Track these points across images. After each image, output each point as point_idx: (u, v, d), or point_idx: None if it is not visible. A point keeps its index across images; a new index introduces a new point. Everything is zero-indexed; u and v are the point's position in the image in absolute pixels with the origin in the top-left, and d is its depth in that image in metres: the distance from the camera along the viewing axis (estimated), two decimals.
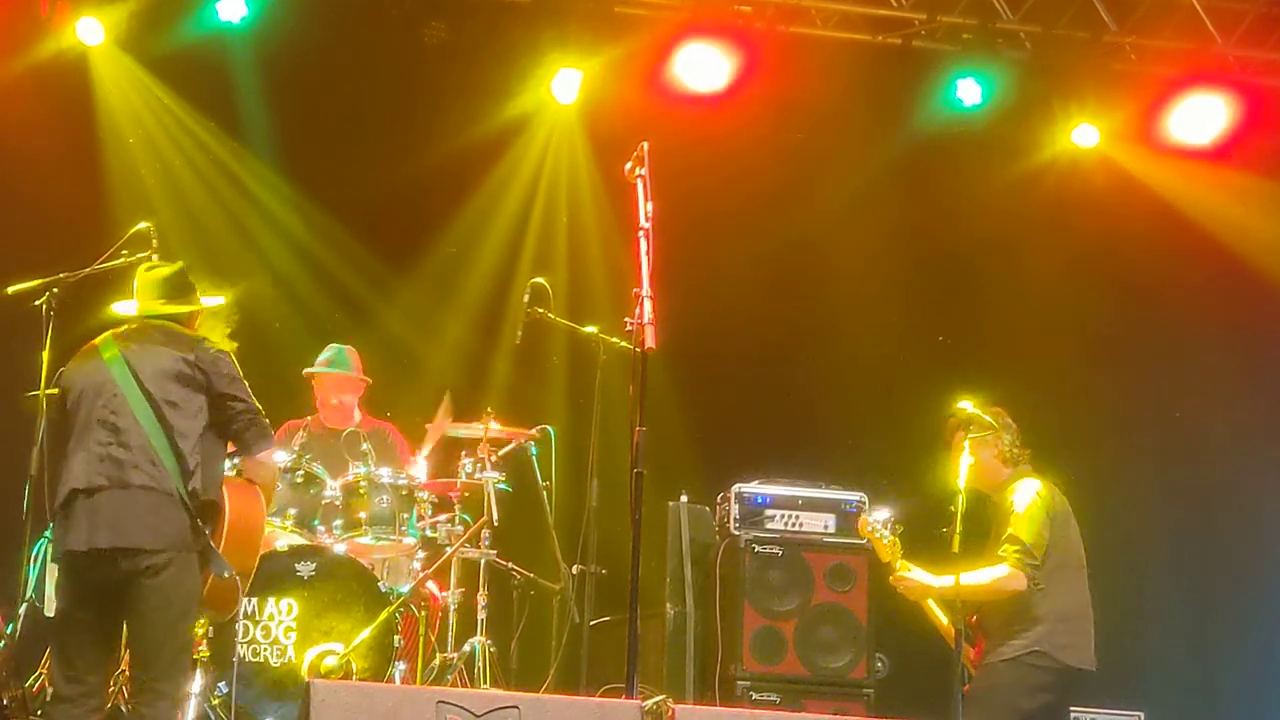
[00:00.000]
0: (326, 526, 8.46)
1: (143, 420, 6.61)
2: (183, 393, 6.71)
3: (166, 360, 6.76)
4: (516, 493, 8.95)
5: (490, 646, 8.63)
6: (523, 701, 5.34)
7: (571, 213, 11.47)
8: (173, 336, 6.90)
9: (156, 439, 6.58)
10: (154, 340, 6.87)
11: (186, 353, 6.79)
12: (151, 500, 6.53)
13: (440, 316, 11.32)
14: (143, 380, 6.69)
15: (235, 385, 6.81)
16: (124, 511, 6.53)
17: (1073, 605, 8.02)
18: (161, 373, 6.72)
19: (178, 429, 6.63)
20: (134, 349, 6.82)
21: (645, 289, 6.66)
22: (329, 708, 5.14)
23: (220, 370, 6.80)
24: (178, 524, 6.54)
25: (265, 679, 8.02)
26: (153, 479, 6.55)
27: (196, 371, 6.74)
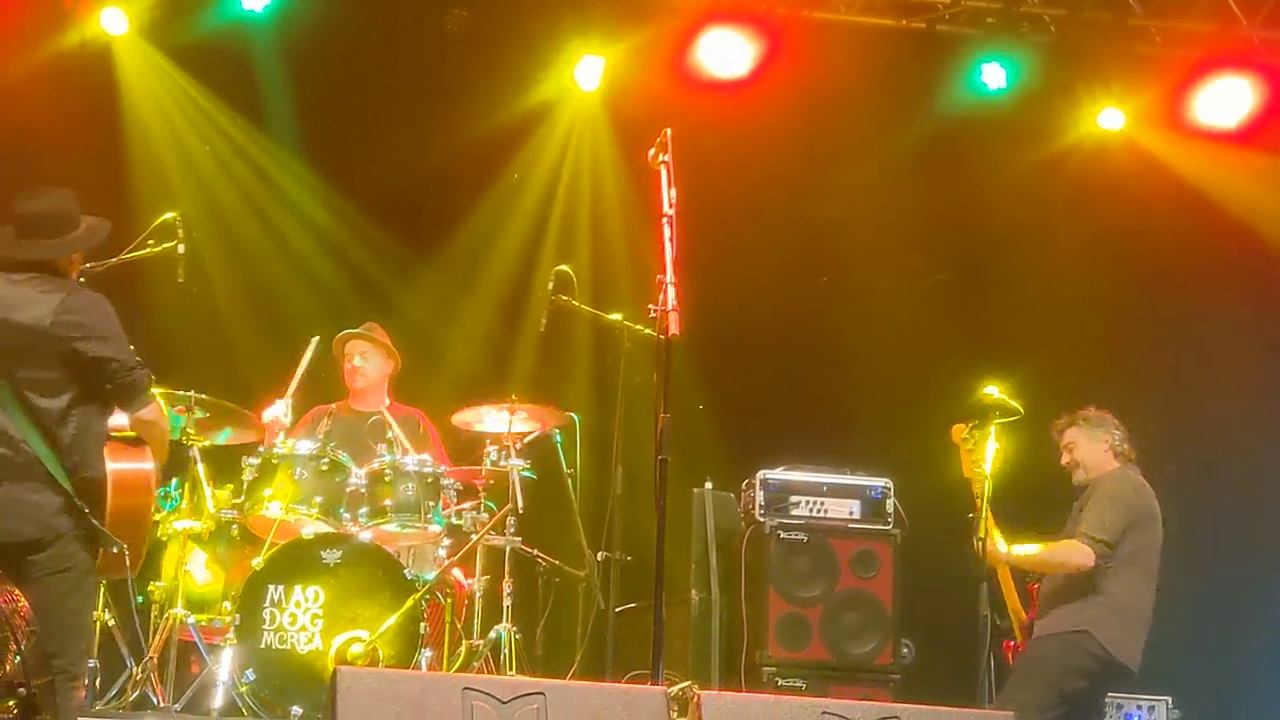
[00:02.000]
0: (352, 514, 8.47)
1: (8, 408, 6.17)
2: (44, 364, 6.19)
3: (24, 329, 6.19)
4: (541, 480, 8.96)
5: (516, 633, 8.64)
6: (548, 688, 5.35)
7: (595, 199, 11.46)
8: (34, 294, 6.27)
9: (19, 423, 6.16)
10: (11, 302, 6.25)
11: (46, 315, 6.19)
12: (21, 489, 6.14)
13: (464, 304, 11.33)
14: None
15: (102, 344, 6.23)
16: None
17: (1132, 604, 8.02)
18: (17, 345, 6.18)
19: (42, 408, 6.18)
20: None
21: (669, 275, 6.66)
22: (355, 694, 5.15)
23: (80, 329, 6.22)
24: (52, 508, 6.15)
25: (291, 666, 8.03)
26: (18, 468, 6.15)
27: (54, 339, 6.17)
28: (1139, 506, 8.12)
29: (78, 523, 6.19)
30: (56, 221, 6.45)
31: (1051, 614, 8.02)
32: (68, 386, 6.22)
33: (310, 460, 8.49)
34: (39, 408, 6.18)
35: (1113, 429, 8.33)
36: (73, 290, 6.35)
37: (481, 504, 8.81)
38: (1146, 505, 8.16)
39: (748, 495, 9.36)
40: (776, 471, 9.33)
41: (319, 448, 8.55)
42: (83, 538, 6.21)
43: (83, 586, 6.26)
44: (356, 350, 9.54)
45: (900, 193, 11.13)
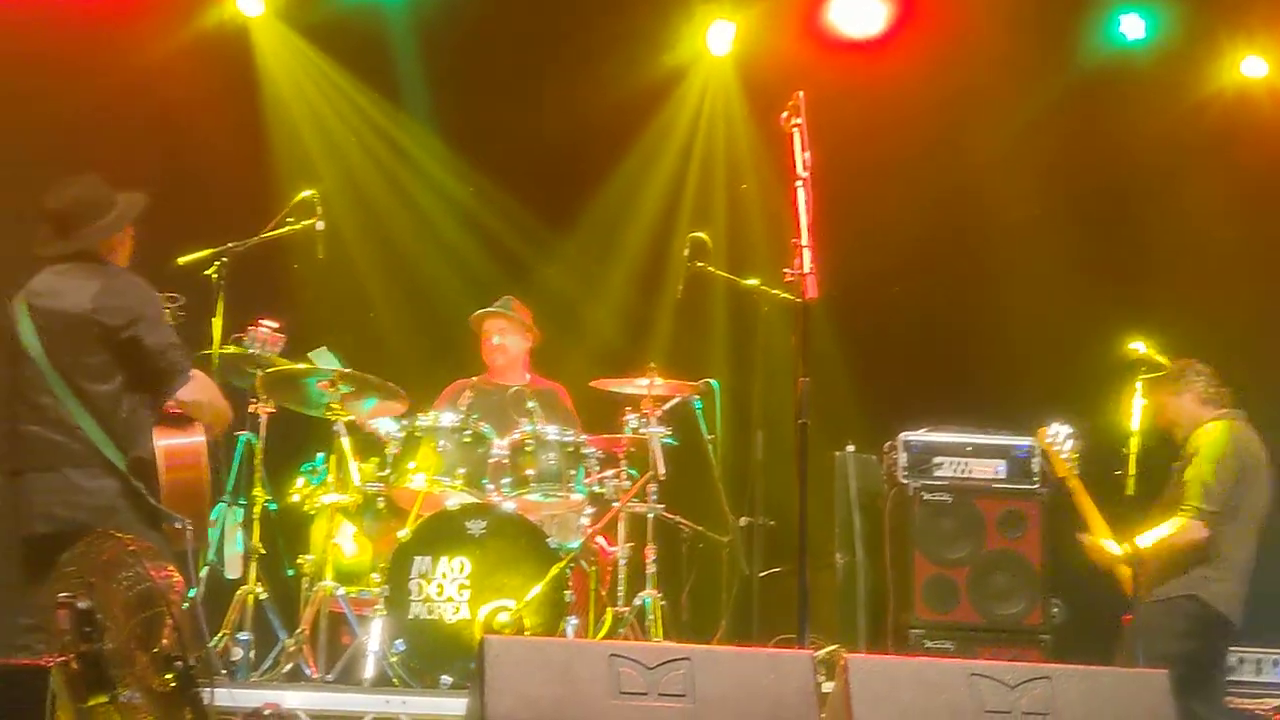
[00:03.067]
0: (495, 484, 8.52)
1: (58, 391, 6.37)
2: (90, 350, 6.40)
3: (67, 322, 6.41)
4: (682, 447, 8.95)
5: (660, 600, 8.65)
6: (694, 653, 5.35)
7: (729, 165, 11.42)
8: (77, 283, 6.49)
9: (74, 409, 6.36)
10: (58, 293, 6.49)
11: (87, 303, 6.41)
12: (79, 476, 6.36)
13: (601, 274, 11.35)
14: (48, 347, 6.41)
15: (137, 325, 6.42)
16: (54, 493, 6.38)
17: (1236, 556, 7.94)
18: (65, 334, 6.41)
19: (94, 393, 6.38)
20: (39, 309, 6.48)
21: (804, 239, 6.62)
22: (503, 663, 5.18)
23: (121, 314, 6.42)
24: (110, 493, 6.35)
25: (440, 636, 8.11)
26: (76, 454, 6.35)
27: (97, 325, 6.39)
28: (1243, 460, 7.99)
29: (135, 504, 6.36)
30: (86, 210, 6.60)
31: (1160, 583, 7.92)
32: (115, 370, 6.42)
33: (453, 432, 8.55)
34: (91, 393, 6.38)
35: (1194, 377, 8.17)
36: (112, 275, 6.54)
37: (623, 472, 8.83)
38: (1251, 457, 8.03)
39: (890, 457, 9.31)
40: (919, 433, 9.26)
41: (461, 420, 8.60)
42: (144, 519, 6.36)
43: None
44: (495, 329, 9.60)
45: (1039, 148, 10.96)
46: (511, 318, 9.59)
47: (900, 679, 5.37)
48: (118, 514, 6.34)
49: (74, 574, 5.64)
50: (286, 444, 8.86)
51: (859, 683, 5.30)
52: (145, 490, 6.37)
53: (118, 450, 6.38)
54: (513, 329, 9.61)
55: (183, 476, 6.52)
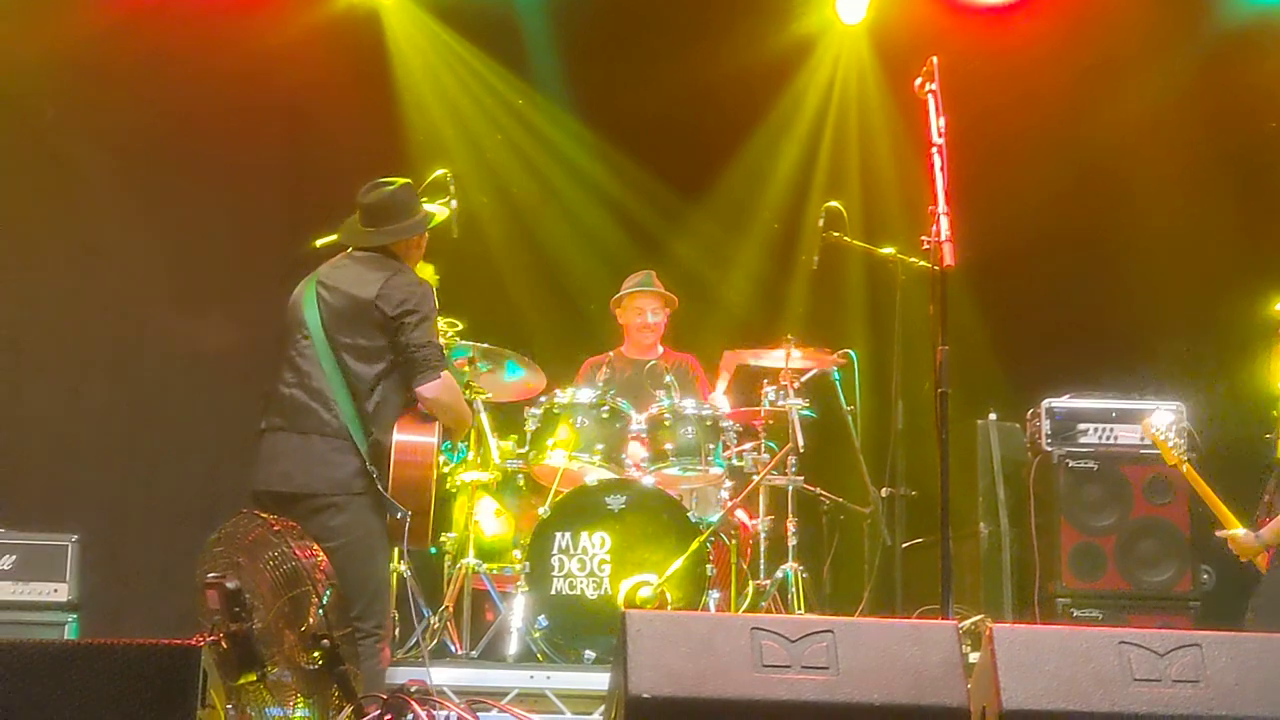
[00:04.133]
0: (634, 459, 8.54)
1: (324, 364, 6.73)
2: (365, 333, 6.77)
3: (352, 302, 6.82)
4: (821, 418, 8.91)
5: (802, 572, 8.63)
6: (837, 625, 5.31)
7: (863, 133, 11.33)
8: (368, 272, 6.91)
9: (335, 383, 6.70)
10: (347, 277, 6.93)
11: (373, 290, 6.80)
12: (325, 446, 6.65)
13: (735, 245, 11.31)
14: (327, 322, 6.80)
15: (409, 317, 6.77)
16: (298, 457, 6.67)
17: None
18: (344, 314, 6.81)
19: (356, 373, 6.72)
20: (326, 288, 6.90)
21: (941, 206, 6.54)
22: (645, 637, 5.17)
23: (399, 305, 6.77)
24: (349, 469, 6.63)
25: (582, 611, 8.14)
26: (327, 424, 6.66)
27: (378, 311, 6.76)
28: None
29: (367, 487, 6.61)
30: (394, 211, 7.05)
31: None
32: (381, 356, 6.76)
33: (591, 408, 8.56)
34: (354, 371, 6.73)
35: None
36: (398, 271, 6.92)
37: (762, 445, 8.81)
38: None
39: (1033, 425, 9.21)
40: (1062, 399, 9.16)
41: (599, 395, 8.62)
42: (373, 504, 6.61)
43: (378, 551, 6.70)
44: (648, 307, 9.61)
45: (1178, 109, 10.76)
46: (662, 295, 9.61)
47: (1047, 648, 5.29)
48: (351, 492, 6.64)
49: (222, 554, 5.72)
50: None
51: (1005, 653, 5.23)
52: (376, 471, 6.65)
53: (363, 431, 6.69)
54: (662, 306, 9.63)
55: (411, 472, 6.75)
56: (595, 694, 7.23)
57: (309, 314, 6.85)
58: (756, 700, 5.06)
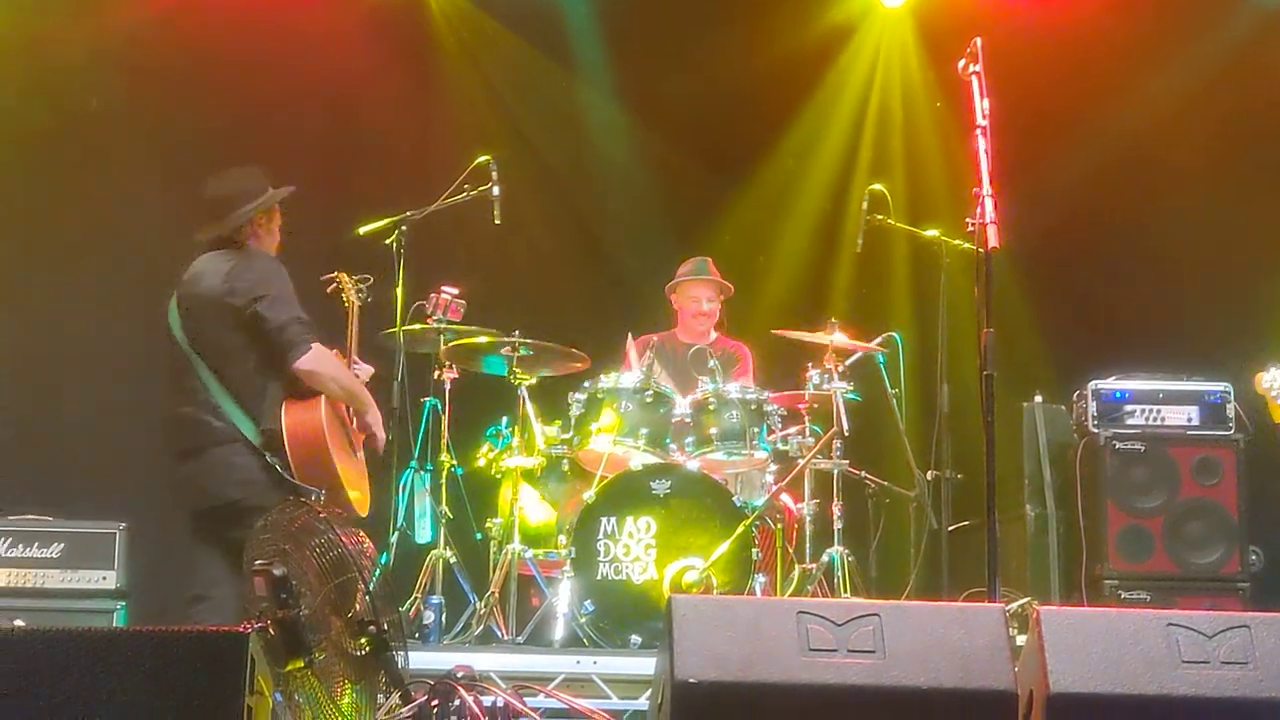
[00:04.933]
0: (678, 444, 8.52)
1: (202, 374, 6.77)
2: (225, 333, 6.79)
3: (205, 306, 6.83)
4: (866, 402, 8.89)
5: (848, 556, 8.61)
6: (883, 609, 5.29)
7: (906, 116, 11.29)
8: (214, 266, 6.90)
9: (216, 390, 6.75)
10: (197, 281, 6.91)
11: (219, 285, 6.80)
12: (225, 454, 6.72)
13: (779, 229, 11.29)
14: (190, 332, 6.83)
15: (258, 303, 6.76)
16: (204, 472, 6.75)
17: None
18: (204, 322, 6.84)
19: (231, 373, 6.77)
20: (184, 299, 6.91)
21: (985, 188, 6.52)
22: (691, 621, 5.17)
23: (246, 294, 6.76)
24: (253, 468, 6.71)
25: (628, 596, 8.14)
26: (220, 432, 6.72)
27: (227, 307, 6.77)
28: None
29: (272, 479, 6.70)
30: (234, 197, 6.99)
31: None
32: (249, 350, 6.79)
33: (635, 393, 8.56)
34: (229, 373, 6.77)
35: None
36: (245, 256, 6.91)
37: (806, 428, 8.79)
38: None
39: (1079, 406, 9.16)
40: (1108, 381, 9.11)
41: (643, 380, 8.61)
42: (284, 493, 6.62)
43: None
44: (703, 295, 9.61)
45: (1223, 87, 10.67)
46: (717, 283, 9.61)
47: (1095, 631, 5.27)
48: (261, 488, 6.70)
49: (268, 541, 5.74)
50: (471, 409, 8.96)
51: (1052, 635, 5.21)
52: (278, 464, 6.71)
53: (254, 427, 6.75)
54: (716, 294, 9.63)
55: (307, 451, 6.79)
56: (642, 679, 7.22)
57: (175, 330, 6.90)
58: (803, 684, 5.06)
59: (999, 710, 5.09)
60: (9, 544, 8.32)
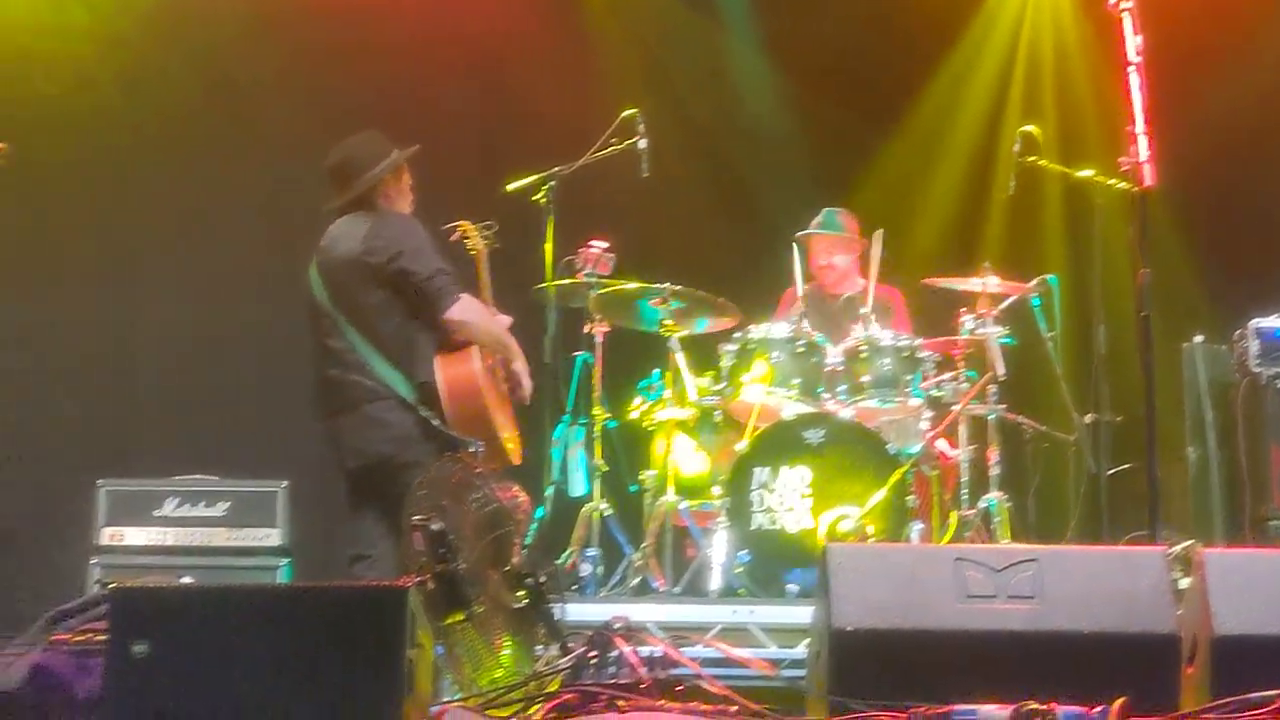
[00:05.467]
0: (831, 393, 8.49)
1: (348, 335, 6.83)
2: (368, 290, 6.85)
3: (344, 268, 6.90)
4: (1021, 345, 8.79)
5: (1006, 502, 8.53)
6: (1042, 554, 5.24)
7: (1057, 55, 11.13)
8: (351, 229, 6.98)
9: (364, 349, 6.80)
10: (335, 244, 6.99)
11: (358, 246, 6.88)
12: (377, 410, 6.77)
13: (929, 173, 11.19)
14: (333, 295, 6.90)
15: (400, 259, 6.83)
16: (356, 431, 6.81)
17: None
18: (344, 284, 6.89)
19: (379, 330, 6.82)
20: (323, 262, 7.00)
21: (1139, 125, 6.42)
22: (846, 570, 5.16)
23: (384, 251, 6.84)
24: (407, 423, 6.75)
25: (783, 545, 8.14)
26: (372, 390, 6.77)
27: (367, 265, 6.84)
28: None
29: (428, 433, 6.72)
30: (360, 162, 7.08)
31: None
32: (393, 304, 6.84)
33: (786, 343, 8.53)
34: (376, 331, 6.83)
35: None
36: (379, 216, 6.99)
37: (961, 374, 8.71)
38: None
39: (1240, 346, 8.97)
40: (1270, 319, 8.91)
41: (794, 329, 8.59)
42: (440, 446, 6.66)
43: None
44: (820, 248, 9.55)
45: None
46: (835, 236, 9.53)
47: (1260, 572, 5.19)
48: (415, 443, 6.76)
49: (426, 498, 5.81)
50: (623, 362, 8.99)
51: (1216, 577, 5.13)
52: (434, 417, 6.73)
53: (406, 382, 6.80)
54: (839, 245, 9.55)
55: (464, 404, 6.82)
56: (799, 627, 7.22)
57: (317, 294, 6.97)
58: (961, 631, 5.03)
59: (1162, 654, 5.03)
60: (177, 504, 8.50)
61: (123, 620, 4.53)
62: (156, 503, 8.49)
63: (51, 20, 10.20)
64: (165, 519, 8.47)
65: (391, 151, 7.14)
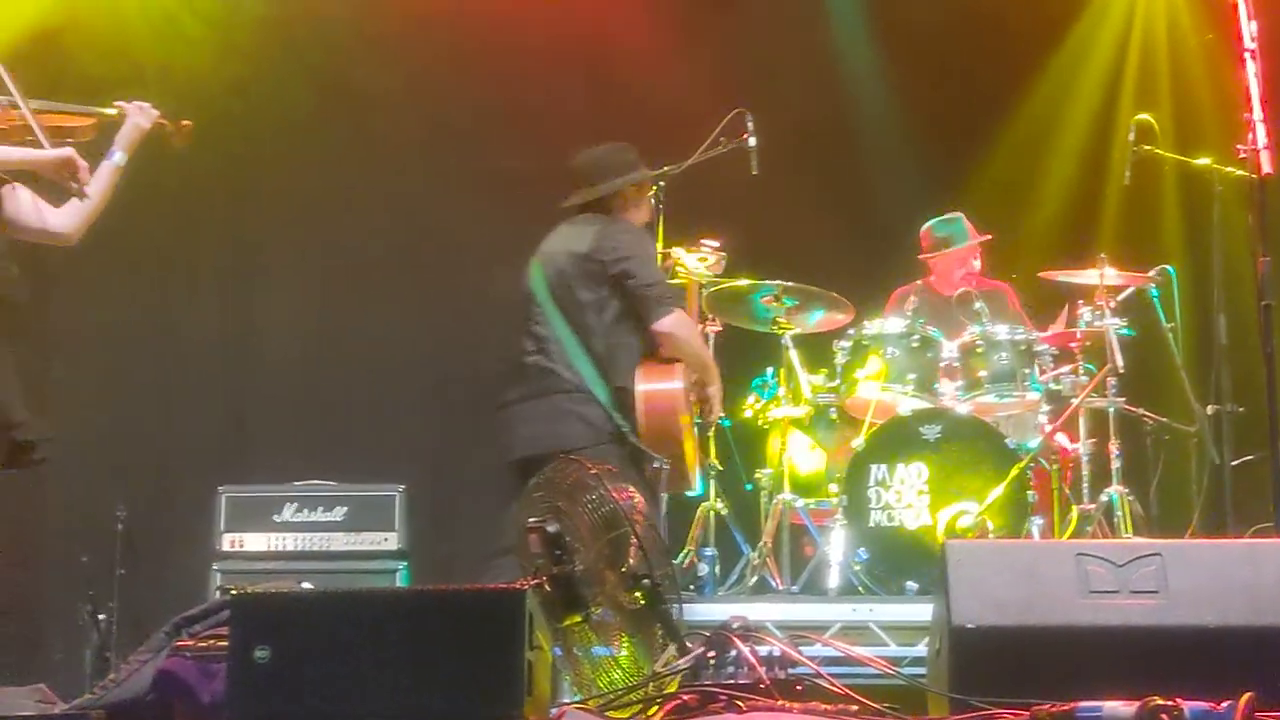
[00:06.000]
0: (947, 388, 8.44)
1: (556, 326, 6.89)
2: (588, 286, 6.93)
3: (569, 261, 7.00)
4: (1139, 337, 8.69)
5: (1128, 495, 8.43)
6: (1165, 548, 5.16)
7: (1171, 42, 10.98)
8: (579, 231, 7.10)
9: (569, 342, 6.85)
10: (564, 240, 7.12)
11: (588, 244, 6.98)
12: (568, 402, 6.80)
13: (1043, 164, 11.07)
14: (552, 285, 6.97)
15: (627, 262, 6.91)
16: (542, 419, 6.83)
17: None
18: (565, 275, 6.98)
19: (588, 326, 6.88)
20: (547, 255, 7.12)
21: (1257, 112, 6.32)
22: (966, 566, 5.11)
23: (613, 252, 6.93)
24: (594, 420, 6.77)
25: (902, 542, 8.10)
26: (567, 382, 6.81)
27: (596, 264, 6.91)
28: None
29: (617, 438, 6.78)
30: (601, 169, 7.24)
31: None
32: (608, 305, 6.90)
33: (901, 338, 8.50)
34: (585, 325, 6.90)
35: None
36: (612, 222, 7.08)
37: (1079, 367, 8.63)
38: None
39: None
40: None
41: (908, 325, 8.55)
42: (627, 455, 6.75)
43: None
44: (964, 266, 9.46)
45: None
46: (971, 249, 9.45)
47: None
48: (601, 444, 6.77)
49: (542, 499, 5.81)
50: (735, 361, 8.96)
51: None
52: (625, 423, 6.78)
53: (604, 382, 6.85)
54: (971, 255, 9.48)
55: (659, 420, 6.87)
56: (919, 625, 7.17)
57: (536, 284, 7.07)
58: (1084, 626, 4.96)
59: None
60: (296, 509, 8.58)
61: (244, 626, 4.57)
62: (276, 508, 8.58)
63: (167, 31, 10.32)
64: (284, 524, 8.56)
65: (640, 167, 7.32)
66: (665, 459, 6.82)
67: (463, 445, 10.21)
